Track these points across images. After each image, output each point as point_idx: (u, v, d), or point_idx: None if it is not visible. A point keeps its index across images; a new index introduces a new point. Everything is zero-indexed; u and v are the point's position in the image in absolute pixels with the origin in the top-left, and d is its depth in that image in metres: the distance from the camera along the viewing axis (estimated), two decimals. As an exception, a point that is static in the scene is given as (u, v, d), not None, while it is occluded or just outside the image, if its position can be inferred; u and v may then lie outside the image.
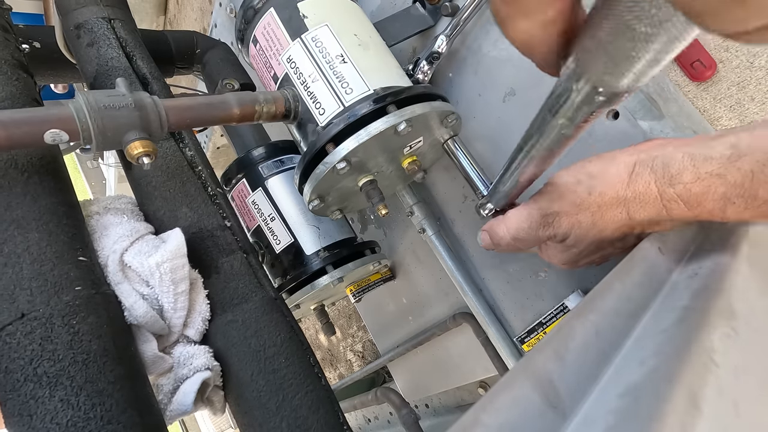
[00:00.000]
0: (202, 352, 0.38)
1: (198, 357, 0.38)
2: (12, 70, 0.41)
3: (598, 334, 0.26)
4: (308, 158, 0.47)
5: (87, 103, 0.35)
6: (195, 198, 0.45)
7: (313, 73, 0.48)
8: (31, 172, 0.36)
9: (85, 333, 0.32)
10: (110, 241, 0.38)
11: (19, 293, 0.31)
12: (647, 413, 0.18)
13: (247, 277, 0.42)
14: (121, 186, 2.13)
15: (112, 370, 0.32)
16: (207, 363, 0.38)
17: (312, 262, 0.63)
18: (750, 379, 0.23)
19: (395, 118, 0.45)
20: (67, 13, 0.51)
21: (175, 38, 0.70)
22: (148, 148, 0.37)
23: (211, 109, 0.44)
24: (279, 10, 0.51)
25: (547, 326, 0.61)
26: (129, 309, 0.36)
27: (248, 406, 0.38)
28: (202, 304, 0.40)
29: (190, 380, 0.37)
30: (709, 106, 0.61)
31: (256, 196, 0.66)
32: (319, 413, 0.37)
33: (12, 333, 0.30)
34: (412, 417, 0.81)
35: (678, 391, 0.19)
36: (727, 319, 0.25)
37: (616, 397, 0.20)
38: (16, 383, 0.29)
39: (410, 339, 0.92)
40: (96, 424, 0.29)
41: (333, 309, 2.33)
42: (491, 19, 0.58)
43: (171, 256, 0.37)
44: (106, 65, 0.48)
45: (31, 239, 0.33)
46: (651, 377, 0.21)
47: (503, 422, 0.19)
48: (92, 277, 0.35)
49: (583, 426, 0.19)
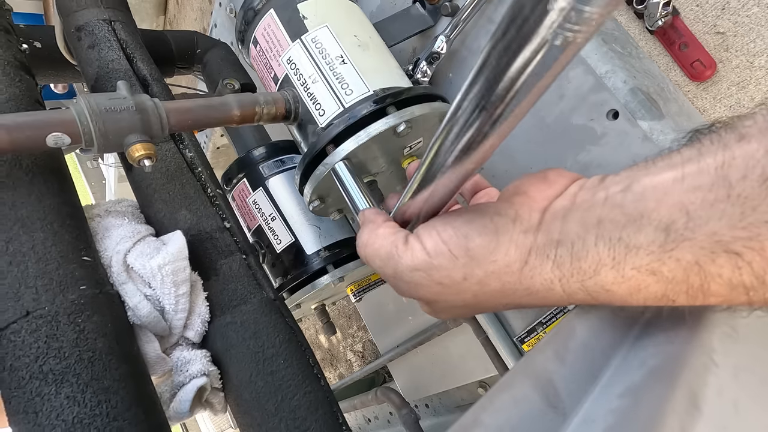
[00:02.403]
0: (198, 358, 0.38)
1: (194, 363, 0.38)
2: (15, 72, 0.42)
3: (598, 334, 0.26)
4: (308, 159, 0.47)
5: (88, 106, 0.36)
6: (194, 200, 0.45)
7: (313, 74, 0.49)
8: (35, 173, 0.37)
9: (91, 331, 0.32)
10: (113, 242, 0.38)
11: (25, 291, 0.32)
12: (647, 413, 0.18)
13: (246, 279, 0.43)
14: (120, 186, 2.13)
15: (117, 368, 0.32)
16: (203, 369, 0.38)
17: (313, 261, 0.63)
18: (750, 379, 0.23)
19: (395, 119, 0.45)
20: (68, 15, 0.51)
21: (176, 38, 0.70)
22: (149, 151, 0.37)
23: (212, 111, 0.44)
24: (279, 11, 0.51)
25: (547, 326, 0.61)
26: (133, 309, 0.36)
27: (247, 407, 0.38)
28: (201, 306, 0.40)
29: (186, 387, 0.37)
30: (709, 106, 0.61)
31: (257, 196, 0.66)
32: (317, 414, 0.38)
33: (17, 331, 0.30)
34: (412, 417, 0.82)
35: (678, 391, 0.19)
36: (727, 319, 0.25)
37: (616, 397, 0.20)
38: (21, 381, 0.30)
39: (410, 339, 0.93)
40: (102, 420, 0.29)
41: (333, 309, 2.34)
42: (491, 18, 0.58)
43: (173, 259, 0.37)
44: (107, 67, 0.49)
45: (36, 238, 0.34)
46: (651, 377, 0.21)
47: (503, 422, 0.19)
48: (96, 276, 0.36)
49: (583, 426, 0.19)
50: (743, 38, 0.58)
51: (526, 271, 0.25)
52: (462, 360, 0.84)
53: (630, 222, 0.22)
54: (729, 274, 0.19)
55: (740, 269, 0.19)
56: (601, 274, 0.23)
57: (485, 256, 0.26)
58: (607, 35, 0.51)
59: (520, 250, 0.26)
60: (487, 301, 0.28)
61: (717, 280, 0.20)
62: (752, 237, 0.18)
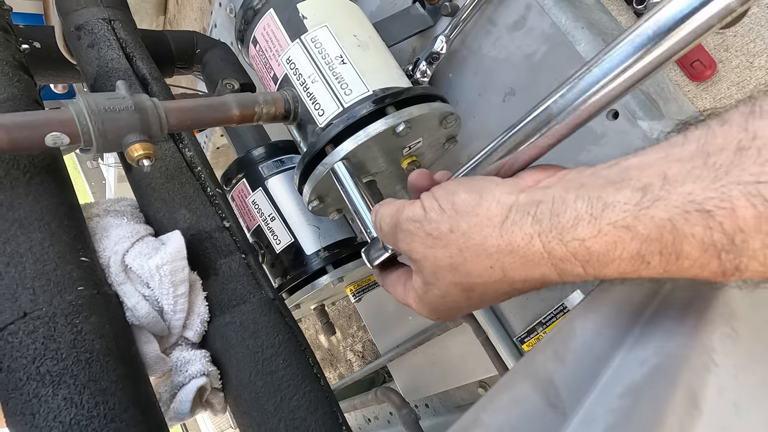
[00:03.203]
0: (198, 358, 0.38)
1: (194, 363, 0.38)
2: (13, 72, 0.41)
3: (598, 334, 0.26)
4: (308, 159, 0.47)
5: (87, 106, 0.35)
6: (194, 199, 0.45)
7: (312, 74, 0.49)
8: (33, 173, 0.37)
9: (88, 332, 0.32)
10: (111, 242, 0.38)
11: (22, 292, 0.31)
12: (647, 413, 0.18)
13: (245, 279, 0.43)
14: (120, 186, 2.13)
15: (115, 369, 0.32)
16: (202, 369, 0.38)
17: (312, 261, 0.63)
18: (750, 379, 0.23)
19: (394, 119, 0.45)
20: (67, 14, 0.51)
21: (175, 38, 0.70)
22: (148, 151, 0.37)
23: (211, 111, 0.44)
24: (278, 10, 0.51)
25: (547, 326, 0.61)
26: (132, 309, 0.36)
27: (246, 408, 0.38)
28: (200, 306, 0.40)
29: (186, 388, 0.37)
30: (709, 106, 0.61)
31: (256, 196, 0.66)
32: (317, 414, 0.38)
33: (14, 332, 0.30)
34: (412, 417, 0.82)
35: (678, 391, 0.19)
36: (727, 319, 0.25)
37: (616, 397, 0.20)
38: (19, 382, 0.29)
39: (410, 339, 0.93)
40: (99, 422, 0.29)
41: (333, 309, 2.34)
42: (491, 19, 0.58)
43: (171, 259, 0.37)
44: (107, 66, 0.49)
45: (33, 239, 0.34)
46: (651, 377, 0.21)
47: (503, 422, 0.19)
48: (94, 277, 0.35)
49: (583, 426, 0.19)
50: (743, 38, 0.58)
51: (507, 225, 0.27)
52: (462, 360, 0.84)
53: (610, 183, 0.23)
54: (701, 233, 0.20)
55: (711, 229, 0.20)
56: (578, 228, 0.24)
57: (468, 210, 0.29)
58: (607, 35, 0.51)
59: (501, 206, 0.28)
60: (472, 260, 0.29)
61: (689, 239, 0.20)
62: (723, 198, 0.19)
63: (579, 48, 0.50)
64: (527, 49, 0.55)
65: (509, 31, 0.56)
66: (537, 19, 0.53)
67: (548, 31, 0.52)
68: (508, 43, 0.57)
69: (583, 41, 0.50)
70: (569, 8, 0.51)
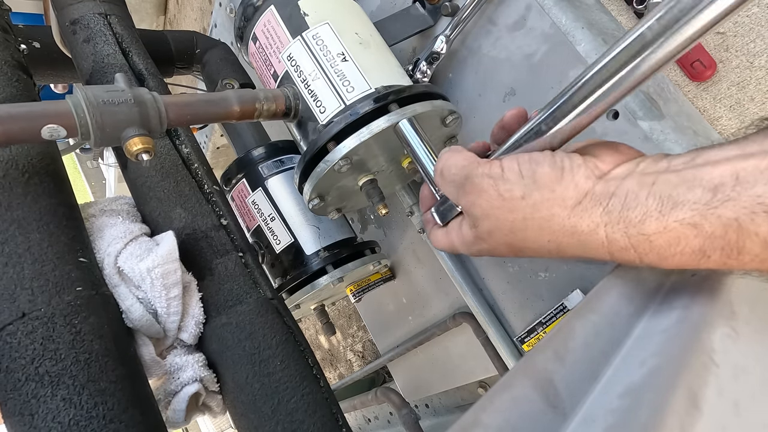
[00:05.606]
0: (191, 364, 0.38)
1: (186, 370, 0.37)
2: (12, 71, 0.41)
3: (598, 334, 0.26)
4: (309, 157, 0.47)
5: (85, 98, 0.35)
6: (189, 198, 0.44)
7: (313, 71, 0.48)
8: (31, 173, 0.36)
9: (87, 333, 0.32)
10: (105, 243, 0.38)
11: (20, 293, 0.31)
12: (647, 413, 0.18)
13: (242, 278, 0.42)
14: (120, 186, 2.13)
15: (114, 369, 0.32)
16: (195, 375, 0.37)
17: (312, 262, 0.63)
18: (750, 379, 0.23)
19: (397, 116, 0.45)
20: (62, 8, 0.50)
21: (175, 38, 0.70)
22: (147, 145, 0.37)
23: (211, 106, 0.43)
24: (279, 7, 0.51)
25: (547, 326, 0.61)
26: (126, 312, 0.36)
27: (244, 410, 0.37)
28: (195, 308, 0.39)
29: (178, 396, 0.37)
30: (709, 106, 0.61)
31: (256, 196, 0.66)
32: (316, 416, 0.37)
33: (13, 333, 0.30)
34: (413, 417, 0.81)
35: (678, 391, 0.19)
36: (727, 319, 0.25)
37: (616, 397, 0.20)
38: (17, 383, 0.29)
39: (410, 339, 0.92)
40: (98, 423, 0.29)
41: (333, 309, 2.33)
42: (491, 19, 0.58)
43: (162, 261, 0.37)
44: (103, 62, 0.48)
45: (32, 239, 0.33)
46: (651, 377, 0.21)
47: (503, 422, 0.19)
48: (92, 278, 0.35)
49: (583, 426, 0.19)
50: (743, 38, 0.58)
51: (578, 210, 0.28)
52: (462, 360, 0.84)
53: (682, 182, 0.24)
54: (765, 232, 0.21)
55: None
56: (645, 223, 0.25)
57: (546, 184, 0.29)
58: (608, 35, 0.50)
59: (578, 190, 0.28)
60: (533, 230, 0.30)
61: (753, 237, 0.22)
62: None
63: (579, 48, 0.50)
64: (527, 49, 0.55)
65: (509, 31, 0.56)
66: (537, 19, 0.53)
67: (548, 31, 0.52)
68: (508, 43, 0.57)
69: (584, 41, 0.50)
70: (569, 8, 0.51)
